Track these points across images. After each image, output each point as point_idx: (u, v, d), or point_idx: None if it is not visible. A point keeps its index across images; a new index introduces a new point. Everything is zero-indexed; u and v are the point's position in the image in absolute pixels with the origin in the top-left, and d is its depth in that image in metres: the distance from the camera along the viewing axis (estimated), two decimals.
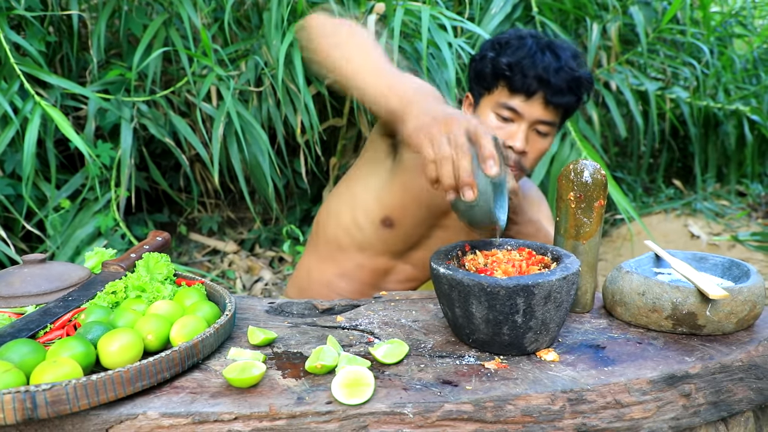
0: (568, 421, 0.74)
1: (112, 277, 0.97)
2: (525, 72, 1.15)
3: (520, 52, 1.16)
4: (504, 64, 1.16)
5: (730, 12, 3.42)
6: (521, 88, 1.16)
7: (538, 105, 1.17)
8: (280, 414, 0.69)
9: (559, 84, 1.15)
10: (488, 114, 1.21)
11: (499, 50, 1.19)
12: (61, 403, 0.64)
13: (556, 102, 1.17)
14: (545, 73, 1.14)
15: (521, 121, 1.19)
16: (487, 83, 1.21)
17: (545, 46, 1.19)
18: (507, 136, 1.19)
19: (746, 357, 0.84)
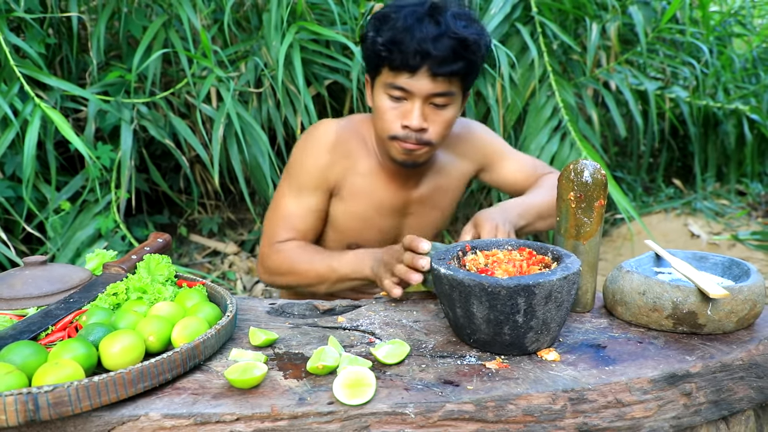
0: (569, 421, 0.74)
1: (113, 278, 0.97)
2: (402, 48, 1.07)
3: (396, 27, 1.08)
4: (380, 43, 1.09)
5: (729, 11, 3.42)
6: (402, 65, 1.08)
7: (425, 79, 1.09)
8: (282, 414, 0.69)
9: (441, 53, 1.07)
10: (381, 96, 1.15)
11: (379, 27, 1.12)
12: (63, 404, 0.64)
13: (444, 72, 1.09)
14: (423, 44, 1.06)
15: (413, 98, 1.12)
16: (373, 65, 1.15)
17: (425, 13, 1.09)
18: (403, 116, 1.14)
19: (747, 356, 0.84)
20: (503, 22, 2.31)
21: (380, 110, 1.16)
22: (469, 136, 1.33)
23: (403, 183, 1.29)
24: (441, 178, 1.32)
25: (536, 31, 2.37)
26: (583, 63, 2.69)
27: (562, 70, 2.69)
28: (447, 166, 1.32)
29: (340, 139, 1.22)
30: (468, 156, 1.34)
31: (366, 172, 1.26)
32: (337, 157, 1.23)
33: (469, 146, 1.34)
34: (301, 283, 1.23)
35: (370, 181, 1.27)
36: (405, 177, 1.28)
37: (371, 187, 1.27)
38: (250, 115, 2.04)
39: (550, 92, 2.40)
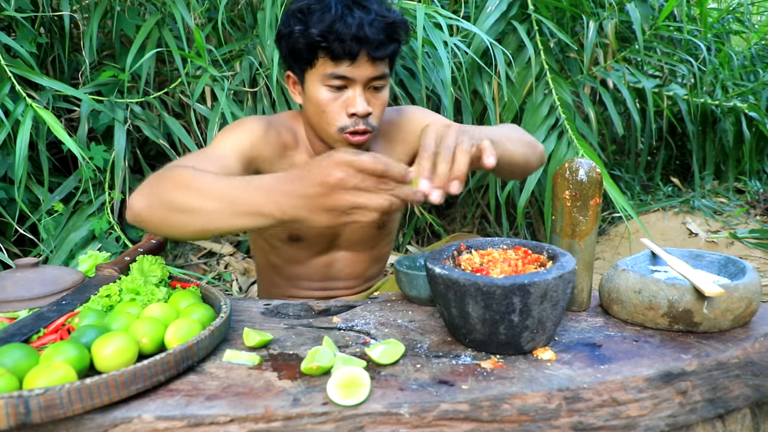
0: (564, 420, 0.73)
1: (106, 280, 0.97)
2: (341, 37, 1.08)
3: (327, 17, 1.09)
4: (317, 35, 1.09)
5: (728, 8, 3.42)
6: (343, 53, 1.09)
7: (365, 64, 1.11)
8: (276, 415, 0.68)
9: (378, 37, 1.09)
10: (318, 88, 1.14)
11: (305, 20, 1.11)
12: (55, 407, 0.63)
13: (381, 56, 1.12)
14: (361, 30, 1.08)
15: (354, 85, 1.13)
16: (305, 58, 1.14)
17: (350, 2, 1.11)
18: (346, 105, 1.14)
19: (743, 354, 0.84)
20: (500, 20, 2.30)
21: (320, 104, 1.15)
22: (402, 119, 1.34)
23: None
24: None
25: (533, 29, 2.37)
26: (580, 61, 2.69)
27: (559, 69, 2.68)
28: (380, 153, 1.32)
29: (271, 128, 1.20)
30: (404, 139, 1.33)
31: (299, 165, 1.24)
32: (270, 141, 1.19)
33: (403, 129, 1.34)
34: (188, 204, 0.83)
35: None
36: None
37: None
38: (245, 115, 2.03)
39: (547, 90, 2.40)
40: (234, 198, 0.80)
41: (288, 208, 0.75)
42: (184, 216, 0.83)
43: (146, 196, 0.88)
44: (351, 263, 1.39)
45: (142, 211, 0.88)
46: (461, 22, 1.98)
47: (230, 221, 0.80)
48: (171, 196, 0.85)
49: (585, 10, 2.55)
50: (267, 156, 1.18)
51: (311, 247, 1.33)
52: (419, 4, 1.92)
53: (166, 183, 0.87)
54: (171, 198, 0.85)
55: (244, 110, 2.08)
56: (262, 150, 1.17)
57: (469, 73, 2.29)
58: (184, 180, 0.86)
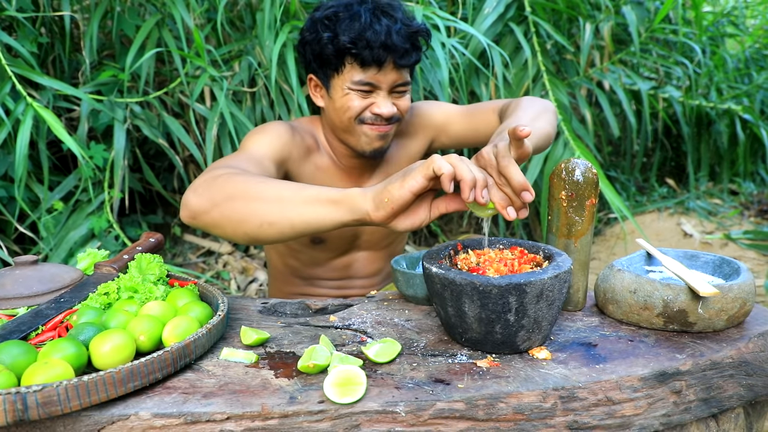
0: (559, 419, 0.74)
1: (104, 278, 0.97)
2: (370, 44, 1.12)
3: (356, 25, 1.13)
4: (347, 42, 1.13)
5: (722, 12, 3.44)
6: (372, 60, 1.14)
7: (391, 71, 1.17)
8: (273, 413, 0.69)
9: (404, 45, 1.15)
10: (345, 93, 1.19)
11: (333, 27, 1.15)
12: (53, 404, 0.64)
13: (406, 63, 1.17)
14: (389, 38, 1.13)
15: (379, 90, 1.18)
16: (333, 65, 1.18)
17: (376, 10, 1.16)
18: (372, 107, 1.19)
19: (736, 354, 0.85)
20: (497, 21, 2.31)
21: (344, 105, 1.19)
22: (412, 115, 1.38)
23: (357, 177, 1.33)
24: (391, 167, 1.36)
25: (530, 30, 2.38)
26: (576, 63, 2.70)
27: (555, 70, 2.69)
28: (396, 154, 1.36)
29: (296, 132, 1.24)
30: (414, 134, 1.38)
31: (322, 167, 1.29)
32: (297, 143, 1.23)
33: (413, 125, 1.38)
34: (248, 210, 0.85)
35: (327, 176, 1.30)
36: (358, 172, 1.32)
37: (329, 182, 1.30)
38: (244, 115, 2.03)
39: (544, 92, 2.41)
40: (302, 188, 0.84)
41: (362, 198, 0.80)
42: (251, 204, 0.84)
43: (205, 193, 0.89)
44: (369, 262, 1.41)
45: (201, 208, 0.89)
46: (459, 23, 1.99)
47: (300, 211, 0.82)
48: (234, 190, 0.86)
49: (581, 12, 2.56)
50: (296, 157, 1.22)
51: (332, 249, 1.35)
52: (417, 5, 1.93)
53: (226, 180, 0.89)
54: (235, 191, 0.86)
55: (243, 110, 2.08)
56: (292, 151, 1.21)
57: (466, 74, 2.30)
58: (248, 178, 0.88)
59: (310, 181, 1.27)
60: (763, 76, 3.38)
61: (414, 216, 0.81)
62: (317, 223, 0.83)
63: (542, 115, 1.19)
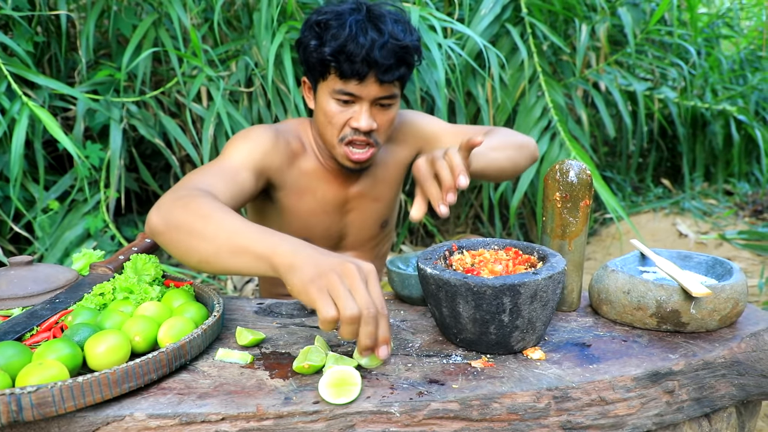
0: (553, 419, 0.75)
1: (99, 279, 0.97)
2: (351, 58, 1.11)
3: (341, 35, 1.12)
4: (328, 54, 1.12)
5: (717, 13, 3.45)
6: (351, 74, 1.13)
7: (372, 85, 1.15)
8: (268, 414, 0.69)
9: (387, 61, 1.13)
10: (328, 100, 1.18)
11: (321, 35, 1.15)
12: (47, 405, 0.64)
13: (389, 79, 1.15)
14: (371, 53, 1.11)
15: (361, 101, 1.17)
16: (318, 72, 1.18)
17: (366, 21, 1.14)
18: (350, 118, 1.18)
19: (729, 353, 0.85)
20: (493, 22, 2.32)
21: (327, 114, 1.19)
22: (401, 124, 1.38)
23: (343, 181, 1.33)
24: (378, 171, 1.36)
25: (526, 31, 2.38)
26: (572, 64, 2.71)
27: (551, 71, 2.70)
28: (383, 158, 1.36)
29: (280, 137, 1.23)
30: (403, 142, 1.38)
31: (308, 171, 1.29)
32: (279, 150, 1.22)
33: (403, 133, 1.38)
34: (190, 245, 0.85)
35: (313, 179, 1.29)
36: (345, 175, 1.32)
37: (314, 185, 1.30)
38: (241, 115, 2.03)
39: (540, 93, 2.41)
40: (238, 232, 0.81)
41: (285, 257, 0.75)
42: (191, 242, 0.84)
43: (163, 214, 0.89)
44: None
45: (156, 227, 0.89)
46: (455, 24, 1.99)
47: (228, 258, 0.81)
48: (184, 221, 0.86)
49: (577, 13, 2.57)
50: (278, 165, 1.21)
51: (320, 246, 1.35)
52: (414, 6, 1.93)
53: (183, 206, 0.89)
54: (183, 222, 0.86)
55: (239, 110, 2.08)
56: (274, 159, 1.20)
57: (462, 75, 2.30)
58: (201, 208, 0.87)
59: (296, 186, 1.27)
60: (758, 77, 3.39)
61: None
62: (244, 272, 0.82)
63: (507, 150, 1.23)
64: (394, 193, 1.41)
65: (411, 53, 1.17)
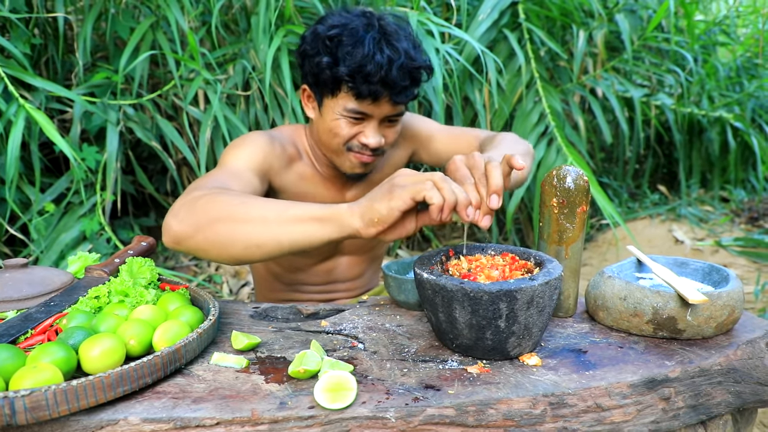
0: (549, 425, 0.74)
1: (95, 282, 0.97)
2: (369, 78, 1.10)
3: (357, 54, 1.10)
4: (345, 73, 1.11)
5: (714, 21, 3.47)
6: (368, 94, 1.12)
7: (386, 104, 1.15)
8: (263, 419, 0.69)
9: (403, 83, 1.13)
10: (336, 117, 1.17)
11: (334, 51, 1.13)
12: (41, 409, 0.63)
13: (403, 100, 1.16)
14: (388, 74, 1.10)
15: (371, 119, 1.17)
16: (329, 89, 1.17)
17: (381, 39, 1.12)
18: (358, 133, 1.18)
19: (725, 361, 0.85)
20: (491, 28, 2.33)
21: (334, 130, 1.18)
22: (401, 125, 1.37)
23: (339, 186, 1.33)
24: (374, 175, 1.36)
25: (524, 37, 2.39)
26: (570, 70, 2.71)
27: (549, 77, 2.71)
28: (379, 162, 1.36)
29: (276, 141, 1.23)
30: (402, 144, 1.38)
31: (304, 176, 1.29)
32: (277, 153, 1.22)
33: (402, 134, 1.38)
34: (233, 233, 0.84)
35: (309, 184, 1.30)
36: (341, 181, 1.33)
37: (311, 190, 1.30)
38: (238, 118, 2.03)
39: (537, 98, 2.42)
40: (287, 206, 0.83)
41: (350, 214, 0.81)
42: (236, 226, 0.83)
43: (187, 218, 0.88)
44: (351, 267, 1.41)
45: (184, 234, 0.88)
46: (453, 29, 2.00)
47: (285, 229, 0.82)
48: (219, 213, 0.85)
49: (575, 19, 2.58)
50: (277, 168, 1.21)
51: (314, 254, 1.35)
52: (412, 11, 1.94)
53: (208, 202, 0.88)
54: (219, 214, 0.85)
55: (236, 114, 2.08)
56: (273, 163, 1.20)
57: (460, 80, 2.31)
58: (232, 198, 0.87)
59: (293, 190, 1.27)
60: (754, 84, 3.41)
61: (401, 228, 0.83)
62: (305, 242, 0.83)
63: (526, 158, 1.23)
64: None
65: (424, 73, 1.18)
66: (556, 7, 2.51)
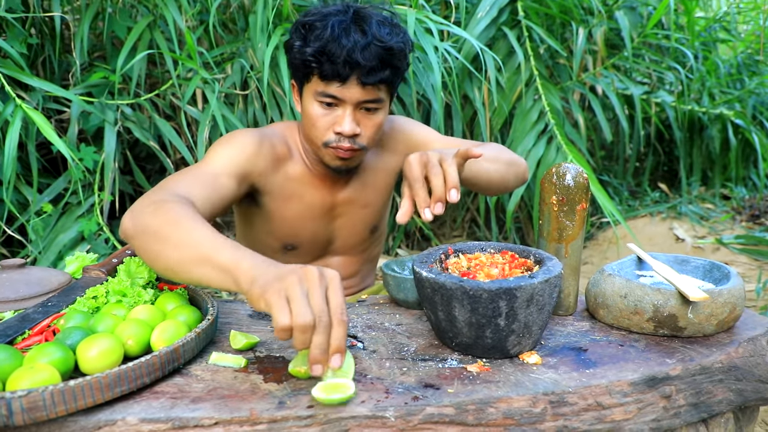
0: (549, 424, 0.74)
1: (92, 282, 0.96)
2: (332, 59, 1.09)
3: (324, 36, 1.10)
4: (309, 54, 1.11)
5: (714, 17, 3.46)
6: (333, 75, 1.11)
7: (355, 87, 1.13)
8: (261, 418, 0.68)
9: (370, 63, 1.10)
10: (312, 103, 1.16)
11: (305, 36, 1.13)
12: (38, 409, 0.63)
13: (372, 81, 1.12)
14: (353, 54, 1.08)
15: (344, 105, 1.15)
16: (302, 74, 1.16)
17: (350, 22, 1.12)
18: (334, 122, 1.16)
19: (726, 358, 0.85)
20: (490, 25, 2.32)
21: (311, 118, 1.17)
22: (392, 130, 1.36)
23: (331, 185, 1.31)
24: (368, 176, 1.34)
25: (523, 35, 2.39)
26: (569, 67, 2.71)
27: (548, 74, 2.70)
28: (373, 164, 1.35)
29: (265, 141, 1.21)
30: (393, 149, 1.36)
31: (295, 176, 1.27)
32: (263, 154, 1.20)
33: (393, 139, 1.36)
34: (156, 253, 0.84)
35: (300, 184, 1.28)
36: (333, 180, 1.30)
37: (301, 190, 1.28)
38: (236, 117, 2.03)
39: (537, 96, 2.42)
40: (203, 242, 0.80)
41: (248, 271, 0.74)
42: (157, 247, 0.84)
43: (134, 218, 0.89)
44: (344, 267, 1.40)
45: (127, 231, 0.90)
46: (452, 27, 1.99)
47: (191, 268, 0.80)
48: (152, 226, 0.86)
49: (574, 17, 2.57)
50: (262, 169, 1.20)
51: (306, 254, 1.34)
52: (410, 9, 1.93)
53: (153, 211, 0.88)
54: (152, 227, 0.85)
55: (234, 113, 2.08)
56: (257, 164, 1.18)
57: (459, 78, 2.30)
58: (171, 214, 0.86)
59: (279, 191, 1.25)
60: (755, 81, 3.40)
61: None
62: (205, 284, 0.81)
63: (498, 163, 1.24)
64: (384, 200, 1.40)
65: (396, 55, 1.14)
66: (556, 4, 2.51)
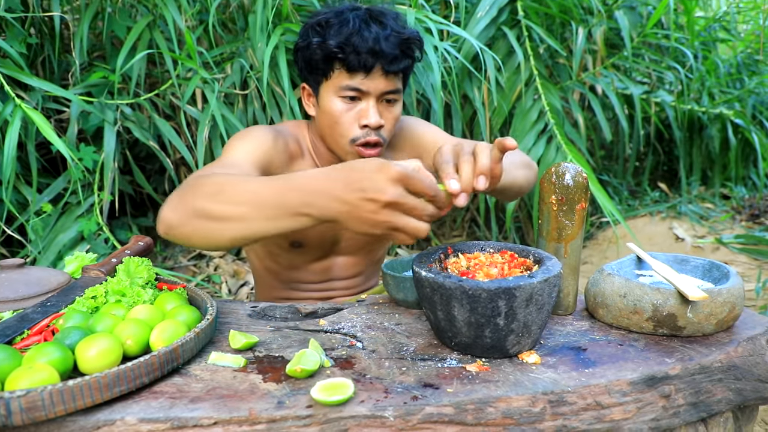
0: (548, 423, 0.74)
1: (92, 282, 0.96)
2: (358, 49, 1.12)
3: (345, 30, 1.13)
4: (334, 46, 1.12)
5: (714, 17, 3.46)
6: (358, 65, 1.13)
7: (379, 78, 1.15)
8: (260, 418, 0.68)
9: (393, 52, 1.13)
10: (332, 99, 1.18)
11: (323, 33, 1.15)
12: (37, 409, 0.63)
13: (395, 70, 1.16)
14: (377, 44, 1.12)
15: (368, 97, 1.17)
16: (321, 70, 1.18)
17: (367, 17, 1.16)
18: (360, 116, 1.17)
19: (726, 358, 0.85)
20: (490, 25, 2.32)
21: (334, 115, 1.18)
22: (401, 129, 1.37)
23: None
24: None
25: (523, 34, 2.38)
26: (569, 67, 2.71)
27: (548, 74, 2.70)
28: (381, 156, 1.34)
29: (280, 138, 1.22)
30: (401, 148, 1.37)
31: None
32: (279, 149, 1.21)
33: (402, 138, 1.37)
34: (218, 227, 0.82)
35: None
36: None
37: None
38: (236, 117, 2.03)
39: (537, 96, 2.41)
40: (269, 201, 0.78)
41: (328, 211, 0.74)
42: (218, 224, 0.81)
43: (176, 208, 0.87)
44: (349, 266, 1.40)
45: (173, 223, 0.86)
46: (451, 27, 1.99)
47: (267, 225, 0.79)
48: (203, 205, 0.83)
49: (574, 16, 2.57)
50: (277, 164, 1.20)
51: (311, 252, 1.34)
52: (410, 8, 1.93)
53: (196, 192, 0.86)
54: (203, 206, 0.83)
55: (234, 113, 2.08)
56: (273, 158, 1.18)
57: (459, 77, 2.30)
58: (215, 186, 0.84)
59: None
60: (755, 81, 3.40)
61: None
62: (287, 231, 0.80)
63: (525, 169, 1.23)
64: None
65: (413, 45, 1.18)
66: (555, 4, 2.51)
